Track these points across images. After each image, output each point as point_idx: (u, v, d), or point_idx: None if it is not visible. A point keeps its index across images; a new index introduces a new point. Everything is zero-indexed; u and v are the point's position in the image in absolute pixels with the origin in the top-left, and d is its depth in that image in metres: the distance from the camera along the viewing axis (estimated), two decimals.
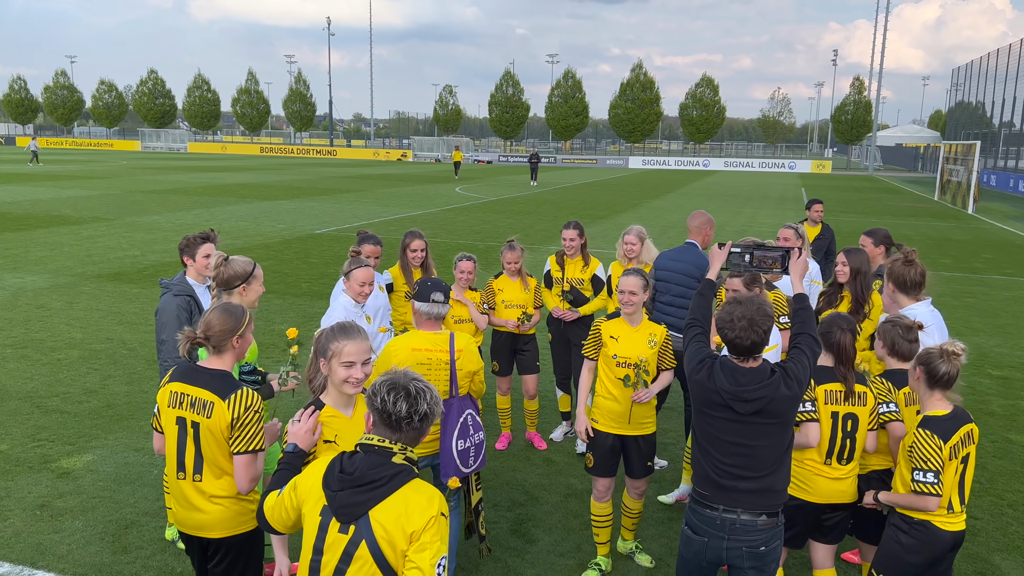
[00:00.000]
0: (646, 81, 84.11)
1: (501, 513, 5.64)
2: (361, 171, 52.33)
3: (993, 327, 11.38)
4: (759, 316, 3.29)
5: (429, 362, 4.36)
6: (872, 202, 34.89)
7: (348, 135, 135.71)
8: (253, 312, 3.73)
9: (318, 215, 24.44)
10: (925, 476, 3.53)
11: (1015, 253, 19.39)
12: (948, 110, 74.37)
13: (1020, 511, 5.82)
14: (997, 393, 8.45)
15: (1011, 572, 4.99)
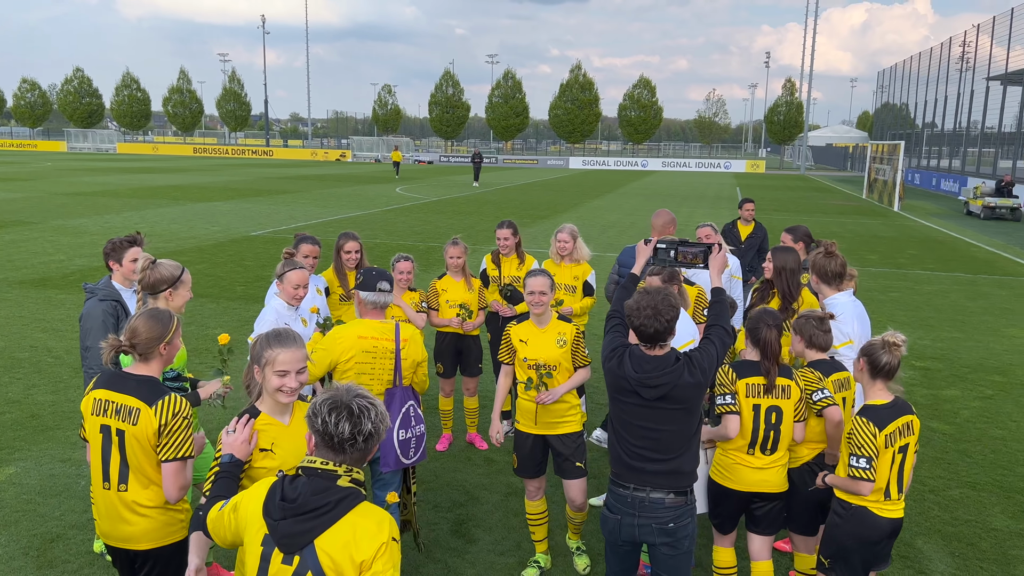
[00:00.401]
0: (585, 82, 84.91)
1: (441, 514, 5.63)
2: (298, 171, 51.52)
3: (916, 320, 11.83)
4: (663, 306, 3.43)
5: (375, 350, 4.36)
6: (804, 201, 35.90)
7: (285, 135, 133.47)
8: (181, 318, 3.64)
9: (254, 217, 23.97)
10: (859, 461, 3.68)
11: (937, 249, 20.20)
12: (875, 111, 77.08)
13: (941, 496, 6.06)
14: (920, 383, 8.80)
15: (932, 554, 5.20)
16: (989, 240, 22.37)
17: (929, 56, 53.61)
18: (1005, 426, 7.57)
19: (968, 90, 45.13)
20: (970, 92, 44.82)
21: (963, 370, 9.38)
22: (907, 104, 60.14)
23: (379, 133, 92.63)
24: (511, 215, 25.75)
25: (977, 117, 44.55)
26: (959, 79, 46.61)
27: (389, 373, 4.41)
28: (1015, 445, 7.10)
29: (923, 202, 36.27)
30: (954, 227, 25.74)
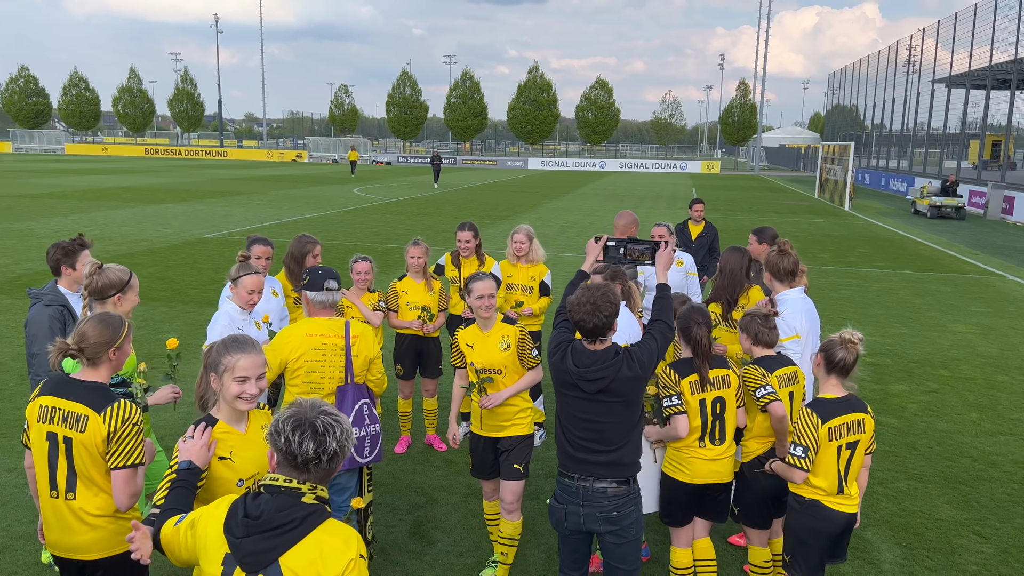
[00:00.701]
0: (543, 83, 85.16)
1: (400, 516, 5.61)
2: (253, 172, 50.79)
3: (866, 317, 12.12)
4: (602, 302, 3.51)
5: (324, 347, 4.34)
6: (757, 201, 36.51)
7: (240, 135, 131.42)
8: (132, 323, 3.57)
9: (207, 219, 23.58)
10: (795, 449, 3.80)
11: (886, 247, 20.71)
12: (826, 113, 78.75)
13: (889, 488, 6.23)
14: (869, 379, 9.02)
15: (881, 545, 5.34)
16: (935, 238, 23.00)
17: (877, 59, 54.96)
18: (950, 419, 7.80)
19: (915, 92, 46.39)
20: (916, 94, 46.06)
21: (910, 365, 9.64)
22: (857, 106, 61.55)
23: (336, 134, 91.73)
24: (470, 216, 25.73)
25: (923, 118, 45.86)
26: (906, 81, 47.87)
27: (340, 371, 4.39)
28: (959, 437, 7.32)
29: (873, 201, 37.15)
30: (902, 226, 26.41)
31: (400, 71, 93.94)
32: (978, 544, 5.38)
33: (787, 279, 4.95)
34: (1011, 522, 5.70)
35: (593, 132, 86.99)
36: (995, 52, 35.33)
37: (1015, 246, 21.72)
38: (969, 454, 6.93)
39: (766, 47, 72.41)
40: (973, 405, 8.23)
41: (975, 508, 5.91)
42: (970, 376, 9.25)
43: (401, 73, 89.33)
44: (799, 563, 3.95)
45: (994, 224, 28.08)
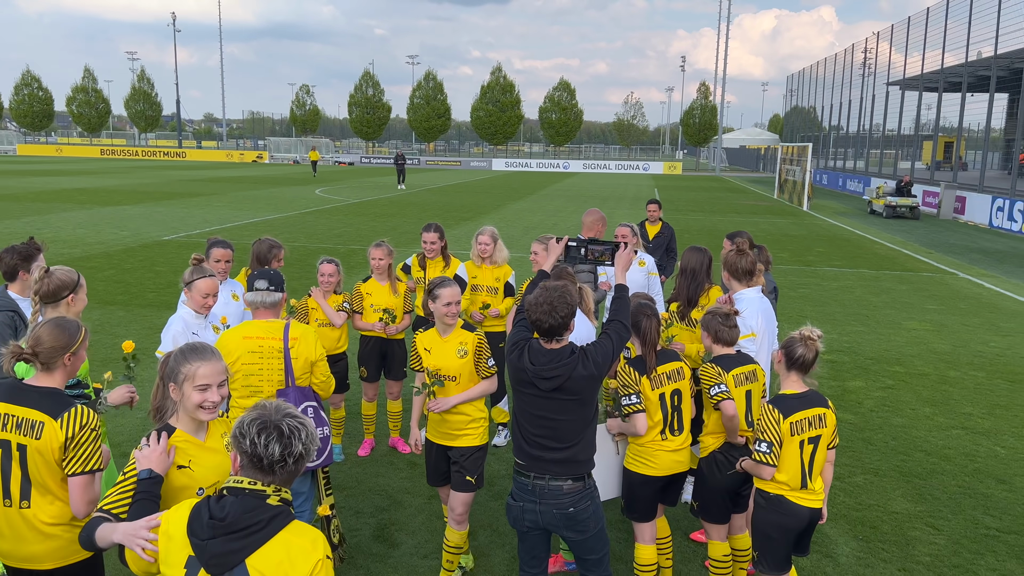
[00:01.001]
0: (506, 84, 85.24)
1: (364, 520, 5.59)
2: (213, 173, 50.07)
3: (823, 315, 12.35)
4: (559, 302, 3.56)
5: (260, 350, 4.31)
6: (718, 201, 36.98)
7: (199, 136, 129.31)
8: (88, 328, 3.51)
9: (165, 220, 23.19)
10: (760, 445, 3.88)
11: (843, 246, 21.12)
12: (785, 114, 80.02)
13: (846, 482, 6.36)
14: (826, 375, 9.19)
15: (838, 539, 5.46)
16: (891, 237, 23.52)
17: (834, 62, 55.99)
18: (904, 414, 7.98)
19: (870, 94, 47.36)
20: (872, 96, 47.03)
21: (866, 362, 9.84)
22: (815, 107, 62.63)
23: (297, 134, 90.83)
24: (434, 217, 25.66)
25: (879, 120, 46.83)
26: (862, 84, 48.86)
27: (279, 373, 4.35)
28: (913, 432, 7.50)
29: (830, 202, 37.85)
30: (859, 225, 26.95)
31: (362, 71, 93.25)
32: (931, 536, 5.52)
33: (744, 278, 5.05)
34: (962, 514, 5.86)
35: (556, 133, 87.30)
36: (946, 56, 36.24)
37: (966, 245, 22.30)
38: (923, 448, 7.10)
39: (726, 49, 73.38)
40: (926, 400, 8.43)
41: (928, 501, 6.06)
42: (924, 372, 9.48)
43: (363, 73, 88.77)
44: (766, 558, 4.03)
45: (947, 223, 28.79)
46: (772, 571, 4.04)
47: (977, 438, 7.38)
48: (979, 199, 28.94)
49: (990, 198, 27.95)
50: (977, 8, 32.73)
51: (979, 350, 10.55)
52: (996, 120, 43.47)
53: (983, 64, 33.39)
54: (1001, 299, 14.21)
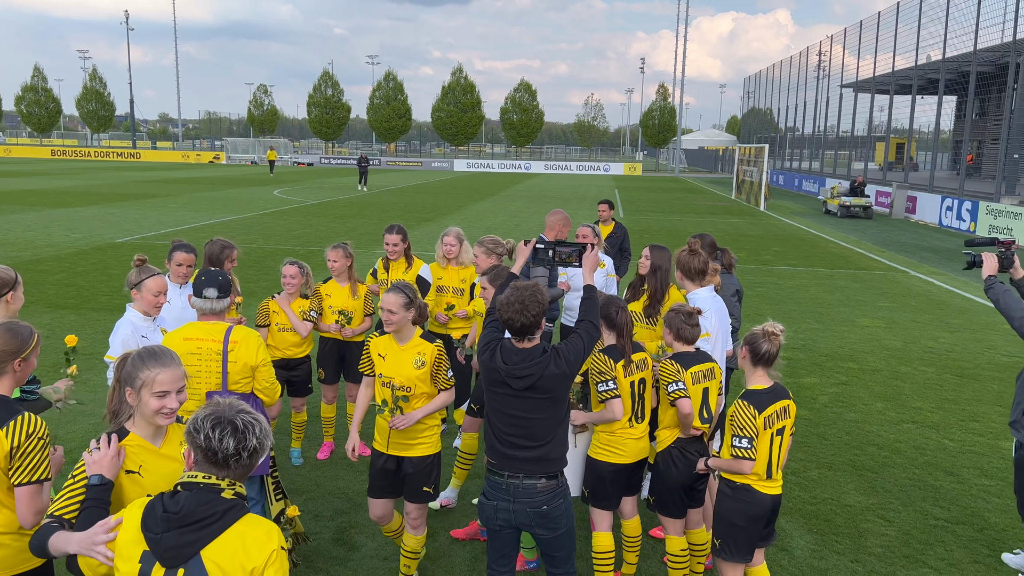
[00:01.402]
0: (467, 85, 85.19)
1: (323, 523, 5.54)
2: (168, 174, 49.18)
3: (780, 313, 12.56)
4: (530, 301, 3.60)
5: (199, 352, 4.28)
6: (678, 202, 37.39)
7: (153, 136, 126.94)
8: (41, 335, 3.42)
9: (119, 222, 22.72)
10: (740, 442, 3.95)
11: (799, 246, 21.51)
12: (742, 116, 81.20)
13: (801, 477, 6.48)
14: (783, 372, 9.34)
15: (794, 532, 5.56)
16: (845, 237, 24.01)
17: (790, 64, 57.00)
18: (858, 409, 8.16)
19: (825, 96, 48.29)
20: (826, 98, 47.96)
21: (821, 359, 10.04)
22: (771, 109, 63.68)
23: (255, 134, 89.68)
24: (395, 218, 25.54)
25: (833, 122, 47.78)
26: (816, 86, 49.82)
27: (217, 376, 4.31)
28: (866, 427, 7.67)
29: (787, 202, 38.51)
30: (814, 225, 27.47)
31: (321, 71, 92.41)
32: (883, 527, 5.65)
33: (697, 278, 5.12)
34: (912, 505, 6.01)
35: (518, 134, 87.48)
36: (897, 59, 37.14)
37: (917, 244, 22.87)
38: (875, 442, 7.27)
39: (684, 51, 74.35)
40: (879, 395, 8.63)
41: (880, 493, 6.21)
42: (876, 368, 9.70)
43: (322, 73, 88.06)
44: (730, 546, 4.11)
45: (899, 223, 29.49)
46: (737, 558, 4.13)
47: (927, 432, 7.57)
48: (929, 199, 29.69)
49: (940, 198, 28.69)
50: (926, 13, 33.63)
51: (929, 346, 10.82)
52: (945, 122, 44.65)
53: (932, 67, 34.29)
54: (950, 296, 14.60)
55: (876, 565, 5.14)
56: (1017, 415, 4.73)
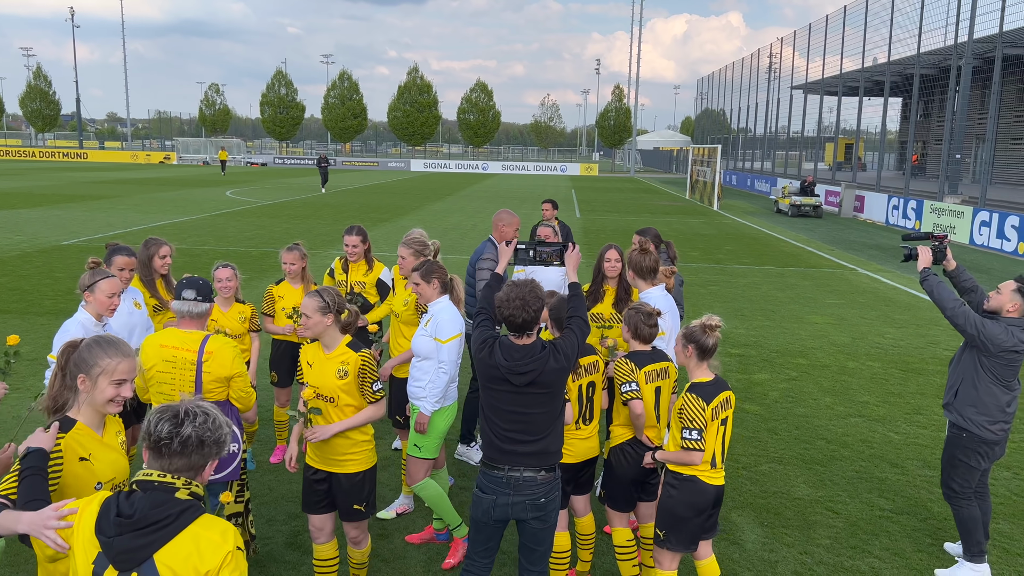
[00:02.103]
0: (423, 84, 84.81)
1: (276, 527, 5.47)
2: (117, 175, 48.06)
3: (732, 311, 12.77)
4: (531, 297, 3.69)
5: (174, 359, 4.25)
6: (633, 202, 37.74)
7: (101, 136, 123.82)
8: None
9: (65, 224, 22.14)
10: (691, 434, 4.04)
11: (751, 244, 21.88)
12: (696, 117, 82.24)
13: (752, 471, 6.60)
14: (735, 369, 9.51)
15: (745, 526, 5.66)
16: (795, 235, 24.49)
17: (742, 66, 57.89)
18: (807, 404, 8.34)
19: (776, 98, 49.18)
20: (777, 100, 48.85)
21: (772, 355, 10.23)
22: (724, 110, 64.62)
23: (207, 134, 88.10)
24: (352, 218, 25.32)
25: (784, 123, 48.66)
26: (768, 87, 50.68)
27: (190, 385, 4.25)
28: (815, 421, 7.83)
29: (739, 201, 39.13)
30: (766, 224, 27.96)
31: (275, 70, 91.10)
32: (831, 519, 5.79)
33: (649, 277, 5.19)
34: (859, 497, 6.16)
35: (475, 134, 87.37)
36: (845, 61, 38.01)
37: (865, 242, 23.43)
38: (824, 436, 7.43)
39: (639, 53, 75.03)
40: (827, 390, 8.83)
41: (828, 486, 6.35)
42: (825, 363, 9.91)
43: (276, 72, 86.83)
44: (673, 538, 4.18)
45: (847, 221, 30.18)
46: (681, 548, 4.20)
47: (873, 425, 7.77)
48: (877, 198, 30.44)
49: (886, 197, 29.44)
50: (872, 16, 34.47)
51: (876, 341, 11.10)
52: (891, 123, 45.86)
53: (878, 70, 35.15)
54: (896, 293, 14.99)
55: (824, 556, 5.26)
56: (950, 398, 5.05)
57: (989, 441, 4.91)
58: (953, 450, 5.03)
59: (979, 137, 36.66)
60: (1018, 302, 4.78)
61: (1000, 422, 4.88)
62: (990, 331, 4.75)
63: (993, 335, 4.74)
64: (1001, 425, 4.89)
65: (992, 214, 22.15)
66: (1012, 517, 5.89)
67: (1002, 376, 4.84)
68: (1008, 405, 4.88)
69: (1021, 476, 6.63)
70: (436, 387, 4.85)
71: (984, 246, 22.32)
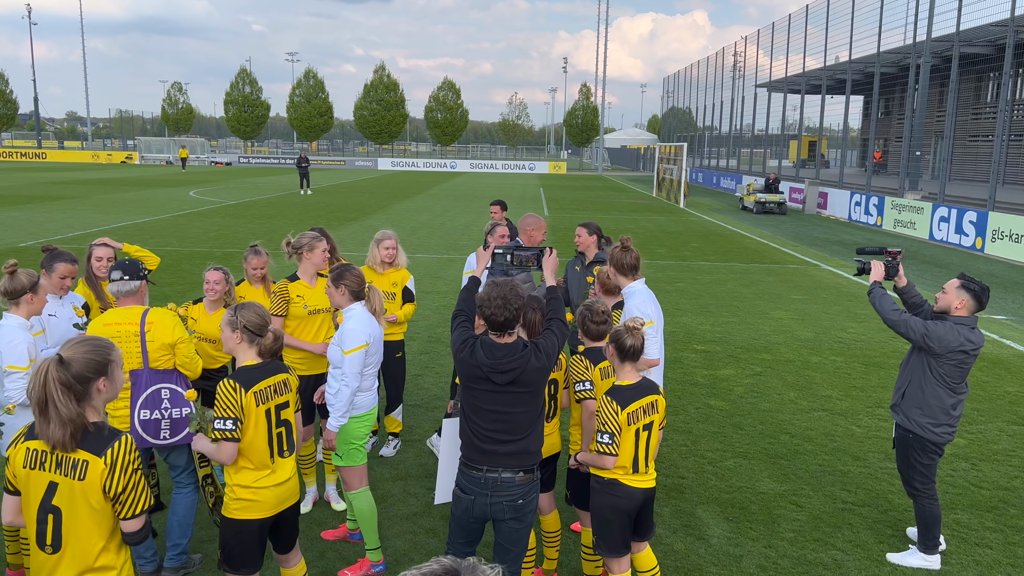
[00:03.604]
0: (390, 83, 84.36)
1: None
2: (77, 175, 47.11)
3: (698, 307, 12.88)
4: (511, 296, 3.72)
5: (119, 335, 4.50)
6: (601, 200, 37.90)
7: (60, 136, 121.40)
8: None
9: (23, 226, 21.64)
10: (602, 437, 4.03)
11: (717, 242, 22.08)
12: (663, 115, 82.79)
13: (719, 467, 6.65)
14: (700, 365, 9.59)
15: (710, 521, 5.69)
16: (760, 232, 24.76)
17: (707, 64, 58.42)
18: (771, 399, 8.43)
19: (740, 96, 49.70)
20: (742, 98, 49.37)
21: (737, 351, 10.33)
22: (690, 108, 65.14)
23: (170, 133, 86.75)
24: (317, 218, 25.10)
25: (749, 120, 49.17)
26: (732, 86, 51.18)
27: (137, 356, 4.55)
28: (780, 416, 7.92)
29: (705, 199, 39.49)
30: (731, 221, 28.25)
31: (238, 68, 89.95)
32: (794, 513, 5.85)
33: (630, 273, 5.15)
34: (822, 491, 6.24)
35: (443, 133, 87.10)
36: (807, 59, 38.51)
37: (828, 238, 23.77)
38: (788, 431, 7.51)
39: (605, 51, 75.39)
40: (791, 385, 8.93)
41: (792, 480, 6.42)
42: (789, 359, 10.03)
43: (239, 70, 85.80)
44: (603, 542, 4.20)
45: (811, 218, 30.60)
46: (611, 553, 4.20)
47: (836, 419, 7.87)
48: (839, 195, 30.91)
49: (849, 194, 29.90)
50: (833, 16, 34.96)
51: (839, 336, 11.26)
52: (853, 121, 46.59)
53: (840, 68, 35.67)
54: (858, 288, 15.22)
55: (788, 549, 5.31)
56: (897, 399, 5.16)
57: (933, 443, 4.99)
58: (906, 451, 5.12)
59: (938, 134, 37.41)
60: (964, 298, 4.83)
61: (944, 425, 4.94)
62: (935, 332, 4.79)
63: (939, 336, 4.78)
64: (945, 428, 4.95)
65: (951, 210, 22.61)
66: (970, 508, 6.00)
67: (950, 378, 4.88)
68: (954, 408, 4.93)
69: (979, 467, 6.76)
70: (340, 401, 4.67)
71: (943, 241, 22.77)
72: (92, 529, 2.89)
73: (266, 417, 3.77)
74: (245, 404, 3.68)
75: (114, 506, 2.90)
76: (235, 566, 3.87)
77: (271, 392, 3.80)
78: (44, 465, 2.85)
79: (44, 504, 2.86)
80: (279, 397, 3.85)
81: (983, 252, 20.66)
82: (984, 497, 6.17)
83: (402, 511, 5.75)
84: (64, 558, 2.89)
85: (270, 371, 3.84)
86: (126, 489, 2.89)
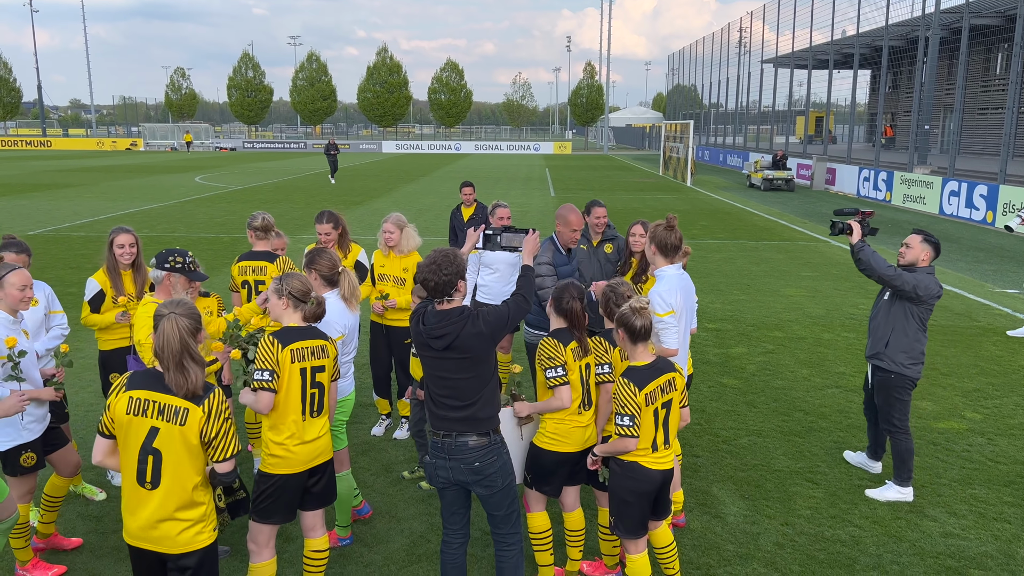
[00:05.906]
0: (393, 65, 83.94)
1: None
2: (83, 163, 47.14)
3: (708, 286, 12.81)
4: (444, 261, 3.79)
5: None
6: (607, 179, 37.71)
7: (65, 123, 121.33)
8: None
9: (30, 214, 21.67)
10: (623, 420, 3.99)
11: (725, 219, 21.96)
12: (668, 93, 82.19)
13: (732, 445, 6.62)
14: (712, 344, 9.54)
15: (726, 499, 5.68)
16: (768, 209, 24.62)
17: (712, 41, 57.89)
18: (784, 377, 8.38)
19: (746, 72, 49.27)
20: (748, 74, 48.95)
21: (748, 328, 10.28)
22: (696, 86, 64.64)
23: (174, 119, 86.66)
24: (324, 203, 25.05)
25: (755, 97, 48.81)
26: (738, 62, 50.74)
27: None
28: (793, 393, 7.88)
29: (712, 177, 39.25)
30: (739, 199, 28.08)
31: (241, 53, 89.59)
32: (810, 490, 5.83)
33: (671, 254, 4.99)
34: (838, 467, 6.21)
35: (447, 114, 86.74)
36: (814, 34, 38.09)
37: None
38: (802, 408, 7.48)
39: (609, 29, 74.74)
40: (804, 362, 8.88)
41: (807, 457, 6.39)
42: (801, 336, 9.98)
43: (242, 55, 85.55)
44: (621, 523, 4.18)
45: (819, 194, 30.39)
46: (628, 535, 4.18)
47: (850, 395, 7.83)
48: (848, 170, 30.67)
49: (857, 169, 29.67)
50: None
51: (850, 312, 11.19)
52: (861, 95, 46.14)
53: (847, 42, 35.30)
54: None
55: (805, 526, 5.29)
56: (880, 348, 5.64)
57: (913, 379, 5.60)
58: (888, 391, 5.65)
59: (947, 108, 37.05)
60: (928, 250, 5.47)
61: (920, 363, 5.59)
62: (922, 282, 5.38)
63: (926, 285, 5.38)
64: (920, 365, 5.61)
65: (961, 184, 22.41)
66: (988, 483, 5.97)
67: (924, 321, 5.53)
68: (923, 347, 5.60)
69: (995, 442, 6.72)
70: None
71: (953, 215, 22.59)
72: (188, 469, 3.31)
73: (300, 375, 3.99)
74: (281, 359, 3.93)
75: (207, 450, 3.33)
76: (264, 516, 4.07)
77: (307, 353, 4.01)
78: (147, 412, 3.25)
79: (145, 447, 3.26)
80: (315, 360, 4.04)
81: (994, 226, 20.48)
82: (1002, 472, 6.14)
83: (417, 493, 5.75)
84: (163, 493, 3.29)
85: (309, 335, 4.07)
86: (219, 435, 3.31)
